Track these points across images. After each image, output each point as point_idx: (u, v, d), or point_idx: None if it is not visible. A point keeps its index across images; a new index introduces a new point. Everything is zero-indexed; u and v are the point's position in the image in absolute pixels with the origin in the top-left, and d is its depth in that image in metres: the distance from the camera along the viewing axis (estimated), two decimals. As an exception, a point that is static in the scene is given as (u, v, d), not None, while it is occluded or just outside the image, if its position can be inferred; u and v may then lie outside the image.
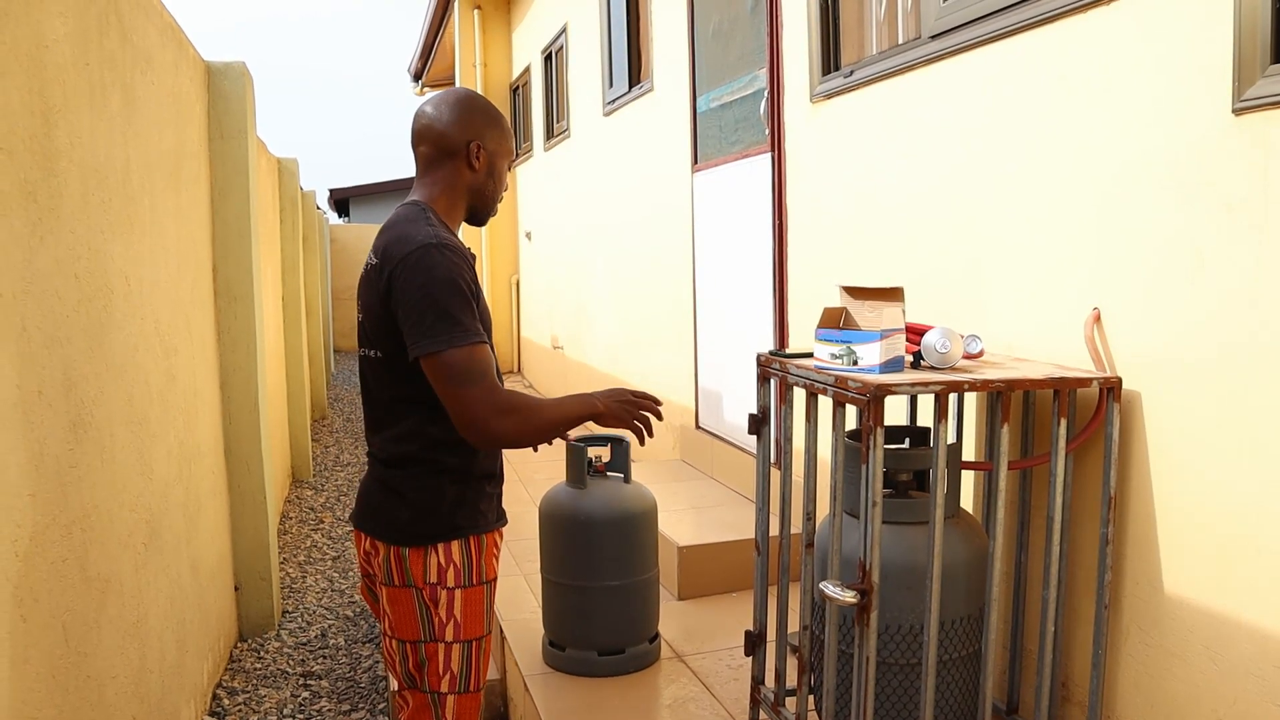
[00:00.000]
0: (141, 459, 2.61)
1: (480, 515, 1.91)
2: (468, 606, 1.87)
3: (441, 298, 1.73)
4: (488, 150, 1.92)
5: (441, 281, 1.74)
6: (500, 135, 1.95)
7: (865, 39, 3.36)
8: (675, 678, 2.94)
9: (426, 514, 1.86)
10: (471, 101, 1.95)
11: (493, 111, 1.96)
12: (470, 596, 1.87)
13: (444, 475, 1.87)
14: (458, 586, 1.86)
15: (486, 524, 1.92)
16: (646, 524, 3.00)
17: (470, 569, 1.88)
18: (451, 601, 1.85)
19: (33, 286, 1.88)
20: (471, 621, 1.88)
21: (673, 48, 5.10)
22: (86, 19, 2.29)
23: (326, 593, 4.52)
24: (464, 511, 1.88)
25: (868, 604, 2.00)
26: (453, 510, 1.87)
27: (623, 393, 1.91)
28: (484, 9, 10.23)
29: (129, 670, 2.40)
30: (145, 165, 2.77)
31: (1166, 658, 2.09)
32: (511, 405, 1.76)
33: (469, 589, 1.87)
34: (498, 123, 1.95)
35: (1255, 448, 1.87)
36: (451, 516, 1.87)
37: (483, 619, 1.90)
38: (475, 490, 1.90)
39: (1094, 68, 2.24)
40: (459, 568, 1.86)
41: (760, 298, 4.14)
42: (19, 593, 1.76)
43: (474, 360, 1.74)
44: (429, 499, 1.87)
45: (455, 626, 1.86)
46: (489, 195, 1.96)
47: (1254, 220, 1.86)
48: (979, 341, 2.31)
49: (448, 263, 1.76)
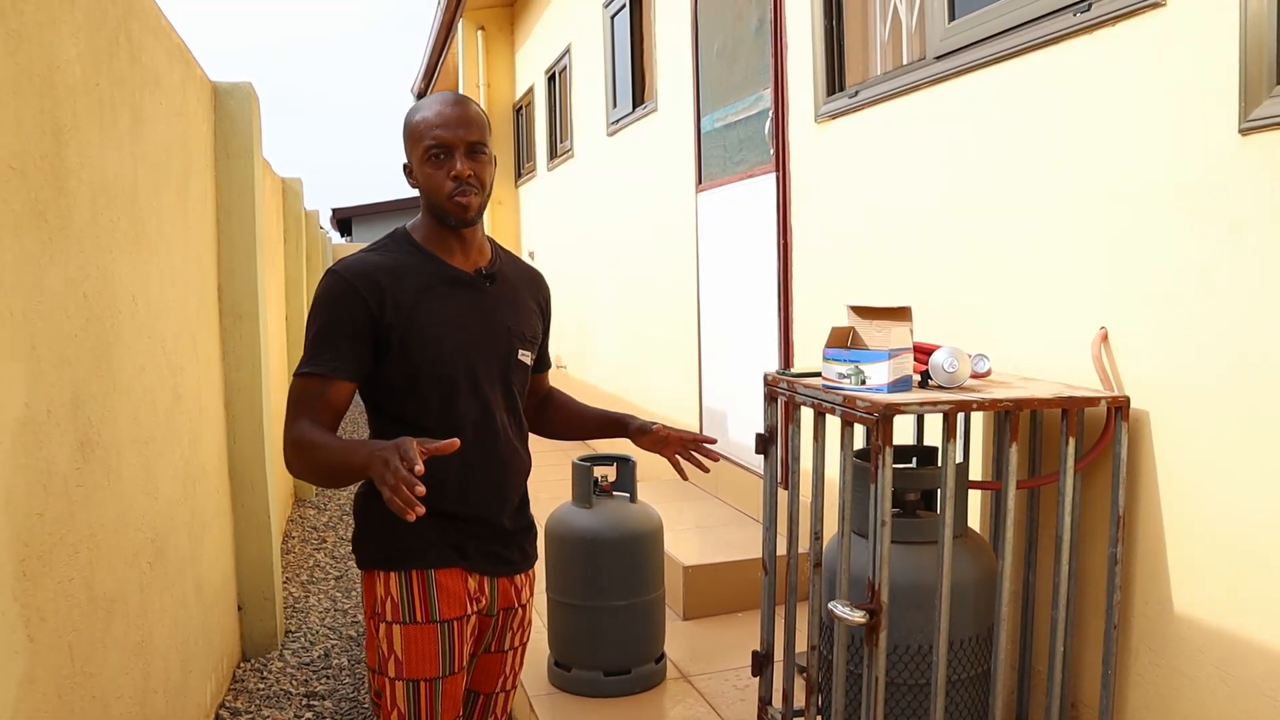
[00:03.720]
0: (148, 478, 2.60)
1: (430, 549, 1.76)
2: (411, 645, 1.75)
3: (307, 325, 1.76)
4: (410, 161, 1.80)
5: (312, 308, 1.75)
6: (410, 140, 1.79)
7: (870, 59, 3.37)
8: (681, 698, 2.93)
9: (367, 537, 1.81)
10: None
11: (405, 121, 1.81)
12: (414, 635, 1.75)
13: (374, 498, 1.76)
14: (396, 621, 1.75)
15: (440, 560, 1.77)
16: (652, 543, 2.99)
17: (411, 605, 1.75)
18: (390, 635, 1.75)
19: (43, 305, 1.89)
20: (416, 661, 1.74)
21: (677, 68, 5.12)
22: (97, 40, 2.30)
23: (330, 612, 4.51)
24: (401, 544, 1.76)
25: (877, 624, 1.99)
26: (382, 538, 1.77)
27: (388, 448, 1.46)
28: (487, 29, 10.29)
29: (134, 690, 2.39)
30: (153, 184, 2.78)
31: (1177, 678, 2.08)
32: (292, 440, 1.68)
33: (411, 626, 1.75)
34: (405, 129, 1.80)
35: (1265, 467, 1.87)
36: (382, 544, 1.78)
37: (434, 660, 1.75)
38: (427, 525, 1.68)
39: (1100, 88, 2.25)
40: (396, 601, 1.75)
41: (765, 317, 4.14)
42: (26, 612, 1.76)
43: (294, 391, 1.72)
44: (370, 522, 1.80)
45: (397, 663, 1.75)
46: (430, 200, 1.78)
47: (1262, 239, 1.86)
48: (987, 361, 2.31)
49: (322, 289, 1.74)
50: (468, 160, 1.74)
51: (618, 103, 6.37)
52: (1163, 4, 2.06)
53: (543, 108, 8.83)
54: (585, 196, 7.35)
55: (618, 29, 6.32)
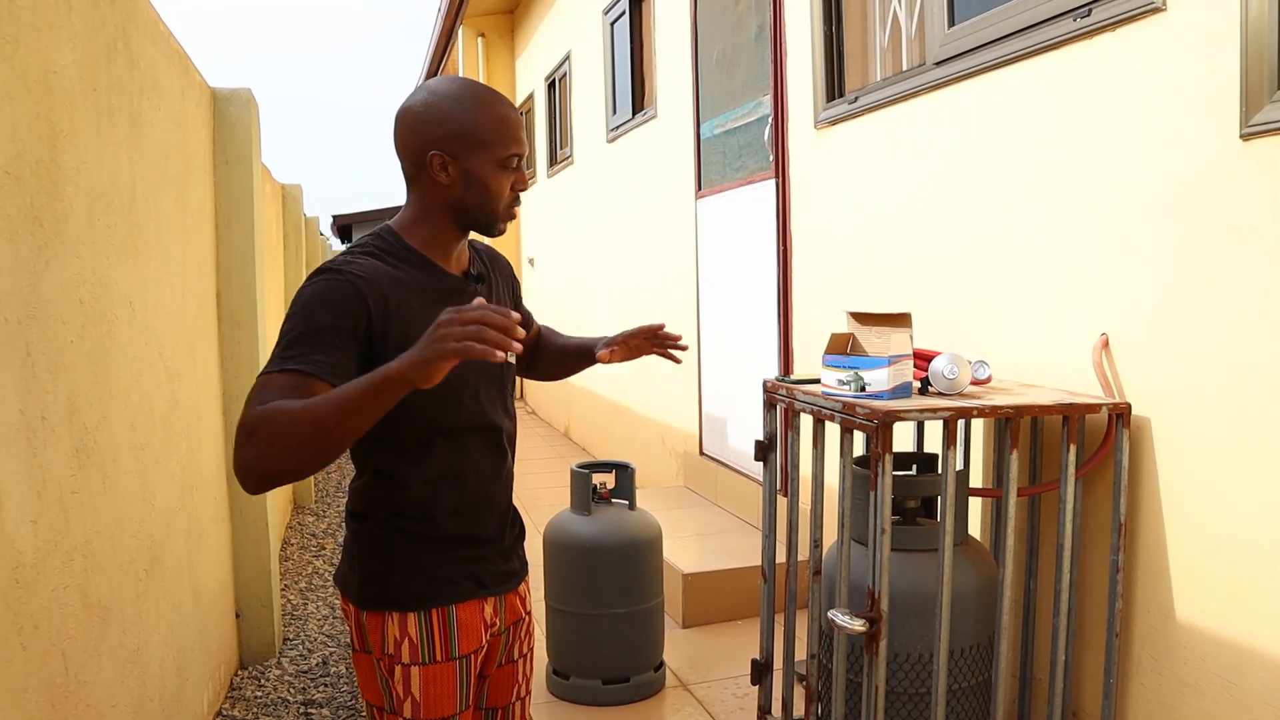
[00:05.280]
0: (144, 485, 2.59)
1: (440, 584, 1.64)
2: (430, 686, 1.62)
3: (282, 327, 1.49)
4: (455, 161, 1.56)
5: (293, 307, 1.50)
6: (464, 134, 1.55)
7: (869, 65, 3.37)
8: (680, 706, 2.91)
9: (374, 578, 1.63)
10: (430, 104, 1.57)
11: (460, 108, 1.55)
12: (433, 675, 1.63)
13: (394, 534, 1.62)
14: (414, 663, 1.61)
15: (455, 594, 1.65)
16: (651, 551, 2.98)
17: (432, 645, 1.62)
18: (408, 678, 1.61)
19: (37, 311, 1.88)
20: (435, 702, 1.63)
21: (676, 74, 5.12)
22: (95, 45, 2.29)
23: (328, 620, 4.49)
24: (421, 580, 1.63)
25: (877, 632, 1.98)
26: (406, 577, 1.63)
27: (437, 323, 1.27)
28: (488, 36, 10.30)
29: (129, 699, 2.37)
30: (151, 190, 2.77)
31: (1179, 687, 2.06)
32: (250, 427, 1.33)
33: (430, 666, 1.62)
34: (457, 118, 1.55)
35: (1267, 473, 1.86)
36: (404, 585, 1.63)
37: (451, 698, 1.64)
38: (438, 555, 1.63)
39: (1100, 94, 2.24)
40: (414, 642, 1.61)
41: (765, 324, 4.13)
42: (19, 620, 1.74)
43: (257, 388, 1.41)
44: (378, 562, 1.63)
45: (414, 705, 1.62)
46: (473, 209, 1.60)
47: (1263, 245, 1.85)
48: (987, 367, 2.30)
49: (313, 287, 1.51)
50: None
51: (617, 109, 6.37)
52: (1163, 9, 2.06)
53: (543, 114, 8.83)
54: (585, 203, 7.35)
55: (617, 36, 6.33)
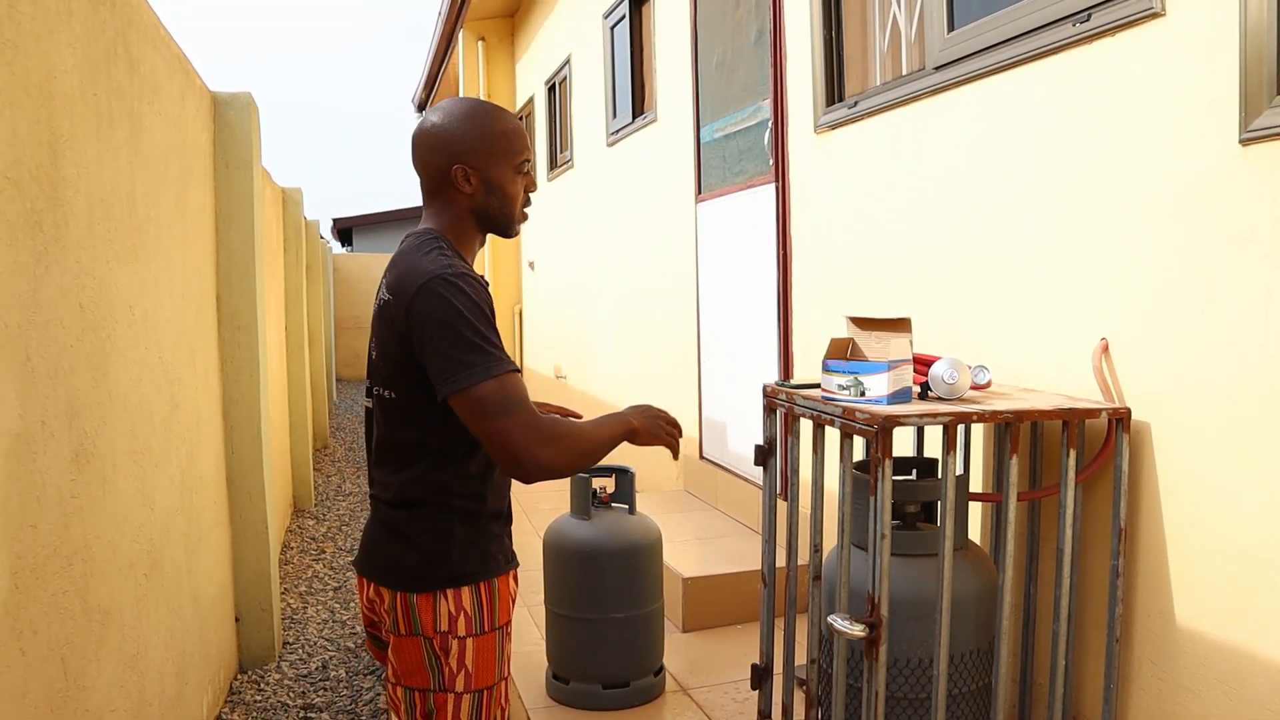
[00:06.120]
0: (144, 489, 2.59)
1: (490, 559, 1.80)
2: (480, 655, 1.77)
3: (465, 330, 1.62)
4: (476, 171, 1.76)
5: (461, 312, 1.62)
6: (497, 145, 1.77)
7: (869, 70, 3.37)
8: (681, 711, 2.90)
9: (435, 558, 1.76)
10: (446, 124, 1.77)
11: (474, 124, 1.77)
12: (482, 644, 1.77)
13: (452, 515, 1.76)
14: (469, 635, 1.75)
15: (497, 567, 1.81)
16: (652, 555, 2.97)
17: (482, 616, 1.77)
18: (463, 651, 1.75)
19: (37, 316, 1.88)
20: (484, 670, 1.77)
21: (676, 79, 5.12)
22: (95, 50, 2.30)
23: (328, 624, 4.48)
24: (474, 555, 1.78)
25: (877, 637, 1.98)
26: (463, 554, 1.77)
27: (650, 409, 1.85)
28: (488, 40, 10.31)
29: (128, 703, 2.37)
30: (151, 194, 2.77)
31: (1180, 692, 2.06)
32: (554, 433, 1.64)
33: (481, 637, 1.77)
34: (482, 133, 1.76)
35: (1267, 478, 1.86)
36: (462, 561, 1.77)
37: (494, 666, 1.79)
38: (484, 532, 1.79)
39: (1100, 99, 2.25)
40: (469, 615, 1.76)
41: (765, 328, 4.13)
42: (18, 625, 1.74)
43: (507, 389, 1.62)
44: (437, 542, 1.76)
45: (466, 676, 1.75)
46: (495, 213, 1.80)
47: (1263, 250, 1.85)
48: (987, 372, 2.30)
49: (466, 292, 1.64)
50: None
51: (617, 113, 6.37)
52: (1162, 14, 2.06)
53: (543, 118, 8.84)
54: (585, 207, 7.35)
55: (618, 40, 6.33)
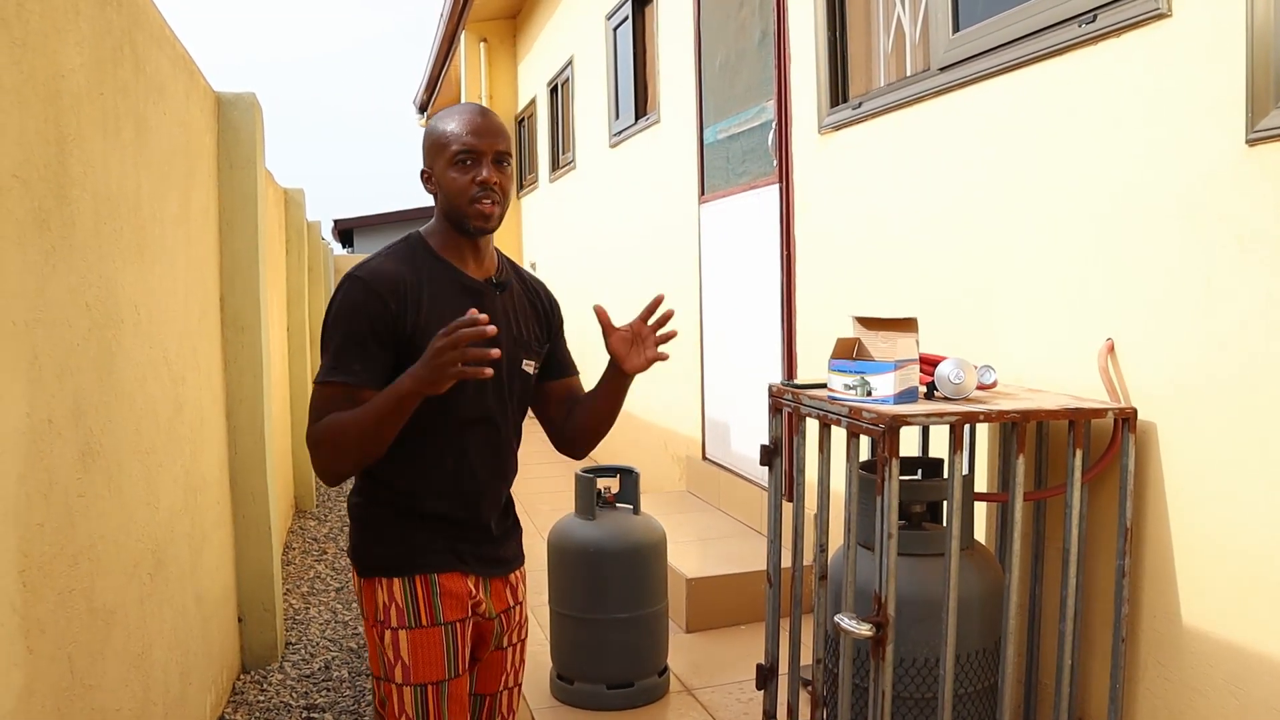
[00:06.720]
0: (149, 489, 2.59)
1: (433, 554, 1.81)
2: (418, 649, 1.78)
3: (323, 332, 1.76)
4: (432, 173, 1.83)
5: (330, 315, 1.75)
6: (432, 148, 1.82)
7: (873, 71, 3.37)
8: (685, 712, 2.90)
9: (369, 545, 1.83)
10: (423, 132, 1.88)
11: (428, 128, 1.86)
12: (420, 638, 1.78)
13: (388, 509, 1.82)
14: (401, 627, 1.78)
15: (443, 565, 1.82)
16: (656, 556, 2.97)
17: (418, 609, 1.79)
18: (397, 641, 1.78)
19: (44, 315, 1.88)
20: (424, 665, 1.78)
21: (679, 80, 5.12)
22: (102, 49, 2.30)
23: (330, 624, 4.48)
24: (405, 550, 1.81)
25: (884, 637, 1.98)
26: (394, 545, 1.81)
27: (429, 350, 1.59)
28: (490, 41, 10.31)
29: (133, 703, 2.37)
30: (156, 194, 2.77)
31: (1186, 692, 2.06)
32: (312, 441, 1.71)
33: (417, 630, 1.78)
34: (430, 136, 1.84)
35: (1273, 478, 1.86)
36: (389, 553, 1.81)
37: (440, 663, 1.79)
38: (427, 530, 1.82)
39: (1104, 100, 2.25)
40: (401, 606, 1.79)
41: (768, 329, 4.13)
42: (26, 624, 1.74)
43: (318, 400, 1.73)
44: (371, 531, 1.83)
45: (404, 669, 1.78)
46: (447, 208, 1.81)
47: (1268, 251, 1.85)
48: (993, 372, 2.30)
49: (338, 292, 1.75)
50: (494, 168, 1.78)
51: (620, 114, 6.38)
52: (1168, 15, 2.06)
53: (545, 119, 8.84)
54: (587, 208, 7.35)
55: (620, 41, 6.33)
